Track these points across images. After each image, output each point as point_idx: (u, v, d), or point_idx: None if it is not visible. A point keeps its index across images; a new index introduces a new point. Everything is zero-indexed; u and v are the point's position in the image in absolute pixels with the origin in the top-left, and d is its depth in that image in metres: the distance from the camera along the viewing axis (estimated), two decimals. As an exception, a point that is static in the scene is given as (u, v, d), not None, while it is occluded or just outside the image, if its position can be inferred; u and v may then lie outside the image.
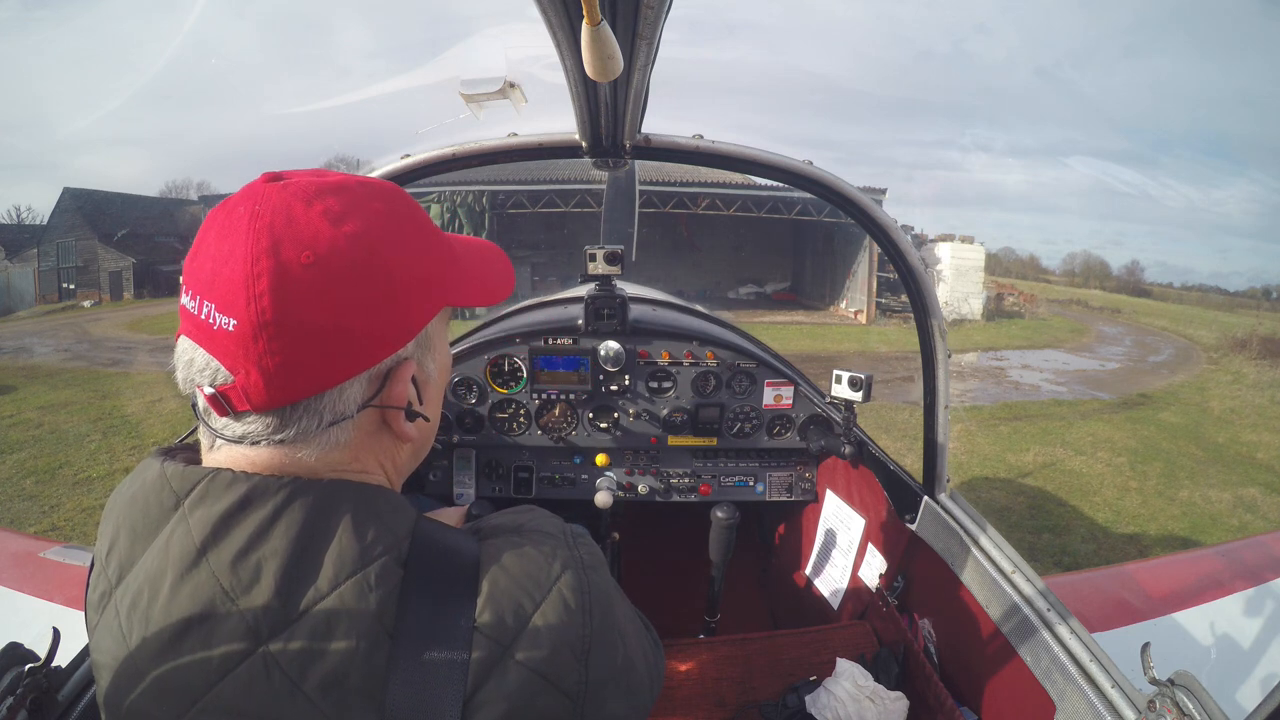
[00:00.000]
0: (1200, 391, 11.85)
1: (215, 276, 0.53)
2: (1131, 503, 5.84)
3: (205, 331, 0.54)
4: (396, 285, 0.58)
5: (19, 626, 1.78)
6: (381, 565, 0.54)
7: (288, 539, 0.53)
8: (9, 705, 0.76)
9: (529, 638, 0.56)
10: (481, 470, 2.12)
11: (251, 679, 0.51)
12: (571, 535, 0.66)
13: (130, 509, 0.58)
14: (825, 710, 1.37)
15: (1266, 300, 32.37)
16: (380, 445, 0.63)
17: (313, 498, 0.55)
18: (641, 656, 0.70)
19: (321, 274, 0.53)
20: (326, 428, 0.57)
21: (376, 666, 0.52)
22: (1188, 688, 0.89)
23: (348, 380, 0.57)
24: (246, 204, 0.55)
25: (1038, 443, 7.45)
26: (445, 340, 0.71)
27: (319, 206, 0.55)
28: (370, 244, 0.56)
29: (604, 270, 1.83)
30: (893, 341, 15.06)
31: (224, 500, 0.54)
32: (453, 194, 16.71)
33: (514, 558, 0.60)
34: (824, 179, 1.38)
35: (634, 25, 0.74)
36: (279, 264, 0.52)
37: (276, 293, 0.52)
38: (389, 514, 0.58)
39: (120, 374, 10.17)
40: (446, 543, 0.60)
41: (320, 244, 0.54)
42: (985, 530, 1.42)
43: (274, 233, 0.53)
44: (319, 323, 0.53)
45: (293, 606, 0.52)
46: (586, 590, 0.61)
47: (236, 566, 0.52)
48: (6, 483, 5.68)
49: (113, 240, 20.53)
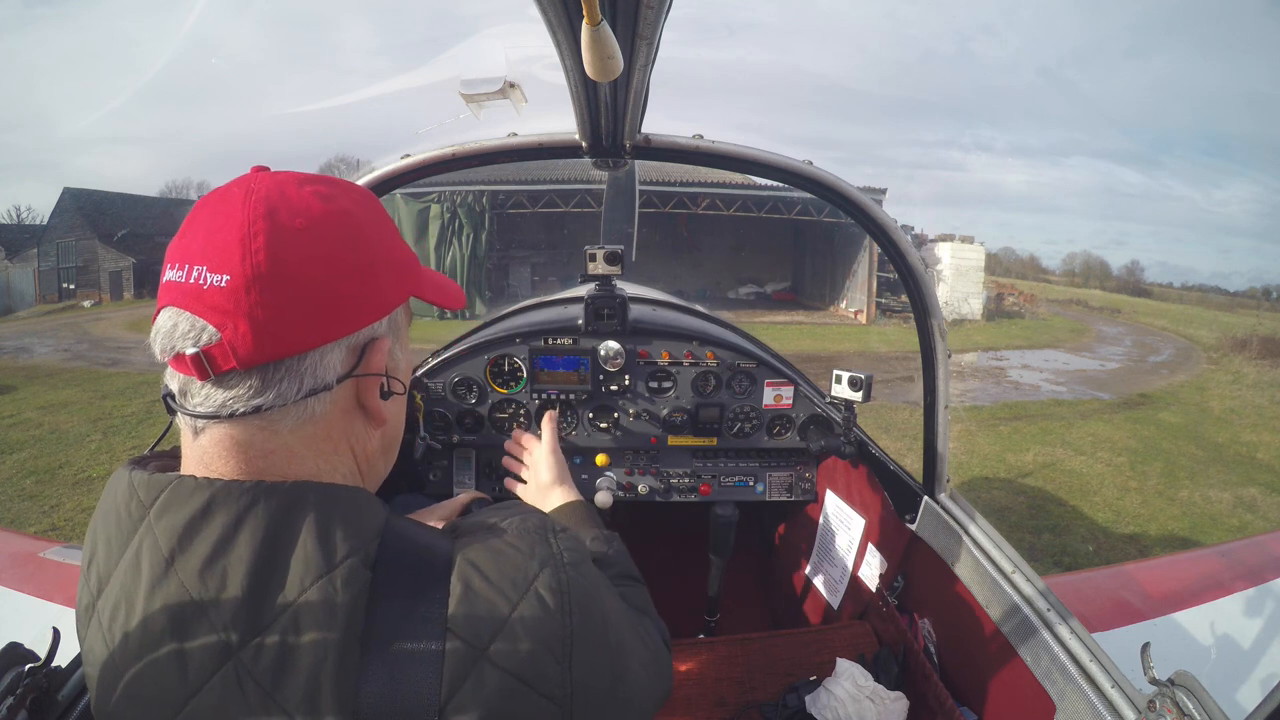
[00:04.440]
0: (1200, 391, 11.84)
1: (209, 243, 0.55)
2: (1131, 503, 5.85)
3: (194, 294, 0.54)
4: (377, 261, 0.62)
5: (19, 626, 1.78)
6: (348, 568, 0.53)
7: (252, 545, 0.52)
8: (9, 705, 0.76)
9: (505, 639, 0.55)
10: (481, 470, 2.12)
11: (225, 689, 0.50)
12: (553, 530, 0.65)
13: (104, 521, 0.58)
14: (825, 710, 1.37)
15: (1267, 300, 32.35)
16: (353, 428, 0.64)
17: (276, 501, 0.54)
18: (639, 654, 0.68)
19: (313, 238, 0.57)
20: (305, 397, 0.57)
21: (348, 672, 0.51)
22: (1188, 688, 0.89)
23: (329, 344, 0.58)
24: (240, 186, 0.58)
25: (1038, 443, 7.45)
26: (408, 339, 0.72)
27: (309, 189, 0.59)
28: (357, 222, 0.61)
29: (604, 270, 1.83)
30: (893, 341, 15.06)
31: (187, 508, 0.53)
32: (453, 194, 16.70)
33: (489, 557, 0.59)
34: (824, 179, 1.38)
35: (634, 25, 0.74)
36: (275, 225, 0.55)
37: (272, 248, 0.54)
38: (355, 514, 0.57)
39: (120, 374, 10.18)
40: (418, 543, 0.59)
41: (312, 214, 0.58)
42: (985, 530, 1.42)
43: (270, 203, 0.56)
44: (309, 280, 0.56)
45: (261, 615, 0.51)
46: (566, 588, 0.59)
47: (204, 575, 0.52)
48: (6, 483, 5.68)
49: (113, 240, 20.53)
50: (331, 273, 0.57)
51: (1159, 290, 46.85)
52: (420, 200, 16.64)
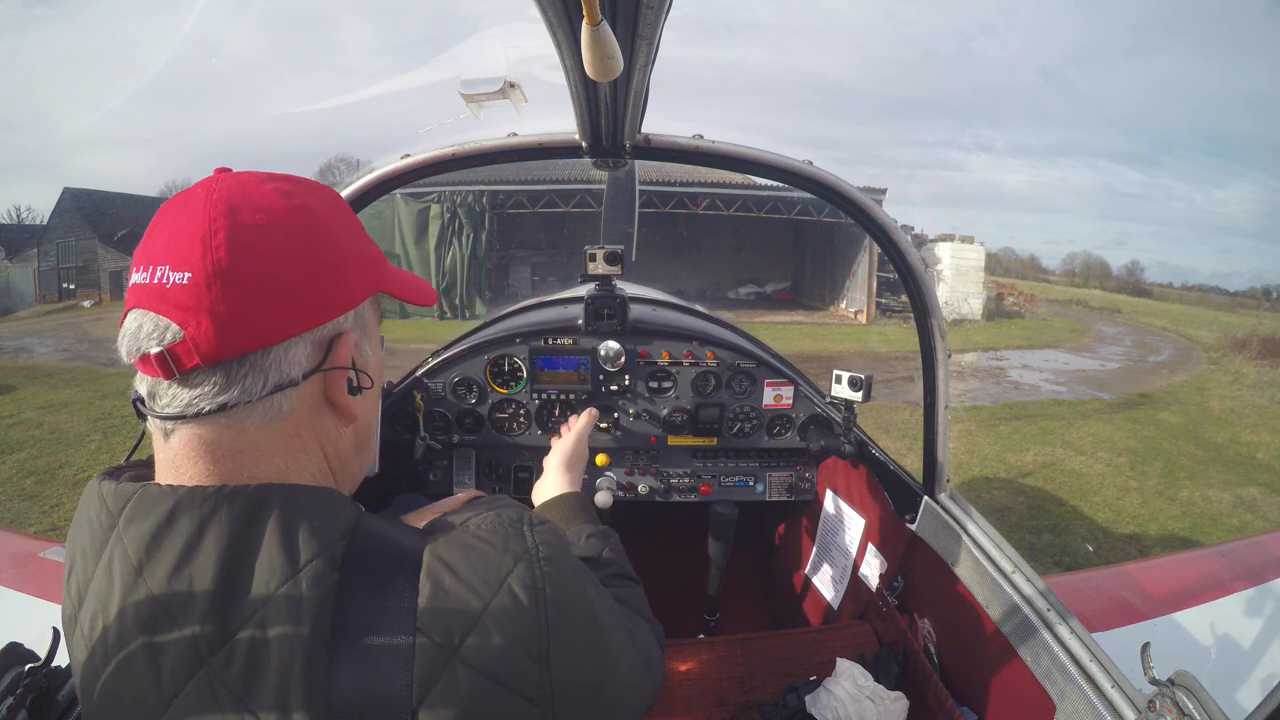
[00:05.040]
0: (1200, 391, 11.84)
1: (171, 243, 0.55)
2: (1131, 502, 5.84)
3: (157, 293, 0.55)
4: (340, 255, 0.62)
5: (19, 626, 1.78)
6: (313, 570, 0.53)
7: (217, 551, 0.52)
8: (9, 705, 0.76)
9: (477, 638, 0.54)
10: (481, 470, 2.12)
11: (200, 697, 0.50)
12: (529, 524, 0.63)
13: (79, 532, 0.59)
14: (825, 710, 1.37)
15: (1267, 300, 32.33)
16: (323, 425, 0.63)
17: (239, 505, 0.54)
18: (628, 654, 0.67)
19: (274, 233, 0.57)
20: (271, 393, 0.57)
21: (317, 672, 0.51)
22: (1188, 688, 0.89)
23: (293, 338, 0.58)
24: (203, 187, 0.58)
25: (1038, 443, 7.45)
26: (379, 336, 0.72)
27: (270, 185, 0.60)
28: (317, 218, 0.61)
29: (604, 270, 1.83)
30: (893, 341, 15.05)
31: (152, 516, 0.53)
32: (453, 194, 16.69)
33: (460, 553, 0.58)
34: (824, 179, 1.38)
35: (634, 25, 0.74)
36: (235, 223, 0.55)
37: (232, 244, 0.54)
38: (321, 515, 0.56)
39: (120, 374, 10.15)
40: (389, 541, 0.58)
41: (274, 210, 0.58)
42: (985, 530, 1.42)
43: (230, 201, 0.57)
44: (270, 274, 0.56)
45: (229, 621, 0.51)
46: (540, 585, 0.58)
47: (171, 583, 0.52)
48: (6, 483, 5.68)
49: (113, 240, 20.50)
50: (293, 267, 0.57)
51: (1159, 290, 46.83)
52: (420, 200, 16.63)
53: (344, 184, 1.43)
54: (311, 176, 0.67)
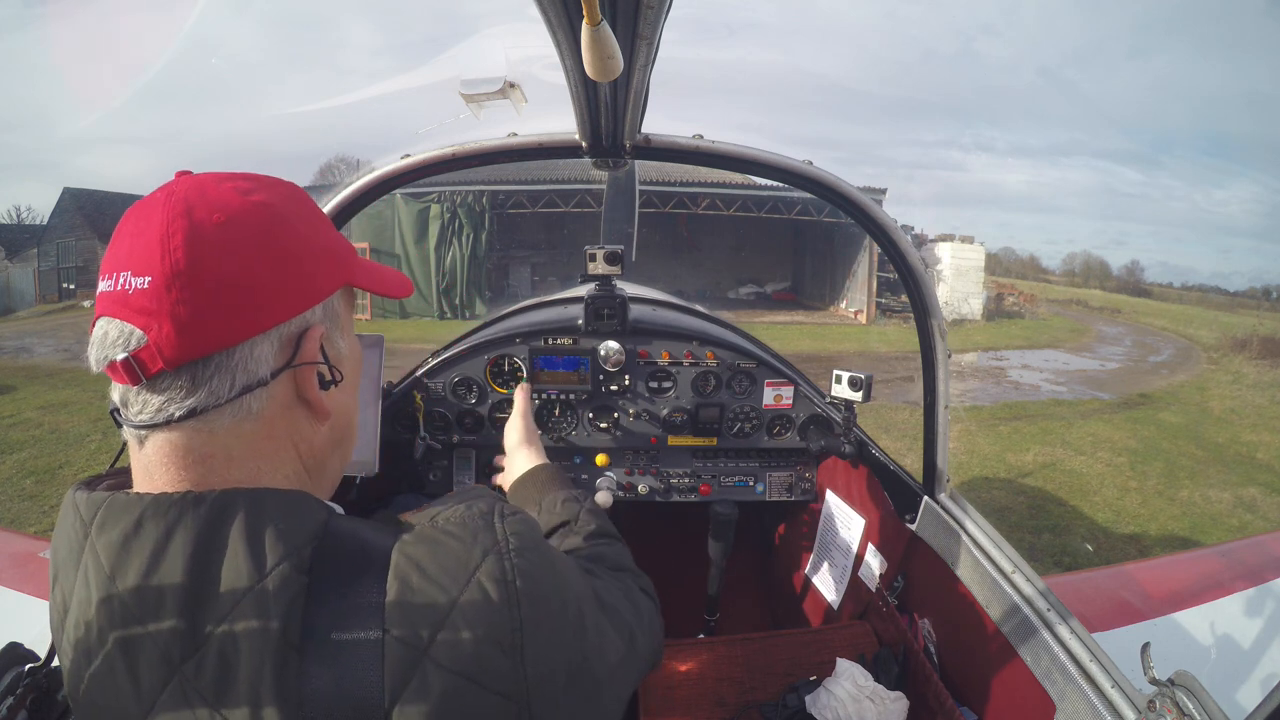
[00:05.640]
0: (1200, 391, 11.84)
1: (132, 249, 0.55)
2: (1131, 502, 5.84)
3: (120, 300, 0.55)
4: (303, 248, 0.61)
5: (19, 626, 1.77)
6: (279, 575, 0.52)
7: (183, 558, 0.52)
8: (9, 705, 0.77)
9: (448, 635, 0.53)
10: (481, 470, 2.11)
11: (175, 706, 0.50)
12: (500, 515, 0.61)
13: (59, 542, 0.59)
14: (825, 710, 1.37)
15: (1267, 300, 32.32)
16: (296, 424, 0.63)
17: (204, 510, 0.53)
18: (606, 635, 0.66)
19: (232, 231, 0.56)
20: (240, 394, 0.57)
21: (288, 675, 0.50)
22: (1188, 688, 0.89)
23: (258, 335, 0.57)
24: (163, 191, 0.58)
25: (1038, 443, 7.45)
26: (352, 327, 0.71)
27: (229, 184, 0.59)
28: (277, 212, 0.60)
29: (604, 270, 1.83)
30: (893, 341, 15.05)
31: (120, 524, 0.53)
32: (453, 194, 16.70)
33: (427, 549, 0.57)
34: (824, 179, 1.38)
35: (634, 25, 0.74)
36: (192, 223, 0.55)
37: (190, 246, 0.54)
38: (285, 518, 0.55)
39: (120, 374, 10.15)
40: (358, 541, 0.57)
41: (231, 208, 0.57)
42: (985, 530, 1.42)
43: (188, 202, 0.56)
44: (229, 273, 0.55)
45: (198, 629, 0.51)
46: (510, 577, 0.56)
47: (142, 592, 0.52)
48: (6, 483, 5.68)
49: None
50: (252, 264, 0.57)
51: (1159, 290, 46.79)
52: (420, 200, 16.63)
53: (344, 184, 1.43)
54: (312, 176, 0.68)
